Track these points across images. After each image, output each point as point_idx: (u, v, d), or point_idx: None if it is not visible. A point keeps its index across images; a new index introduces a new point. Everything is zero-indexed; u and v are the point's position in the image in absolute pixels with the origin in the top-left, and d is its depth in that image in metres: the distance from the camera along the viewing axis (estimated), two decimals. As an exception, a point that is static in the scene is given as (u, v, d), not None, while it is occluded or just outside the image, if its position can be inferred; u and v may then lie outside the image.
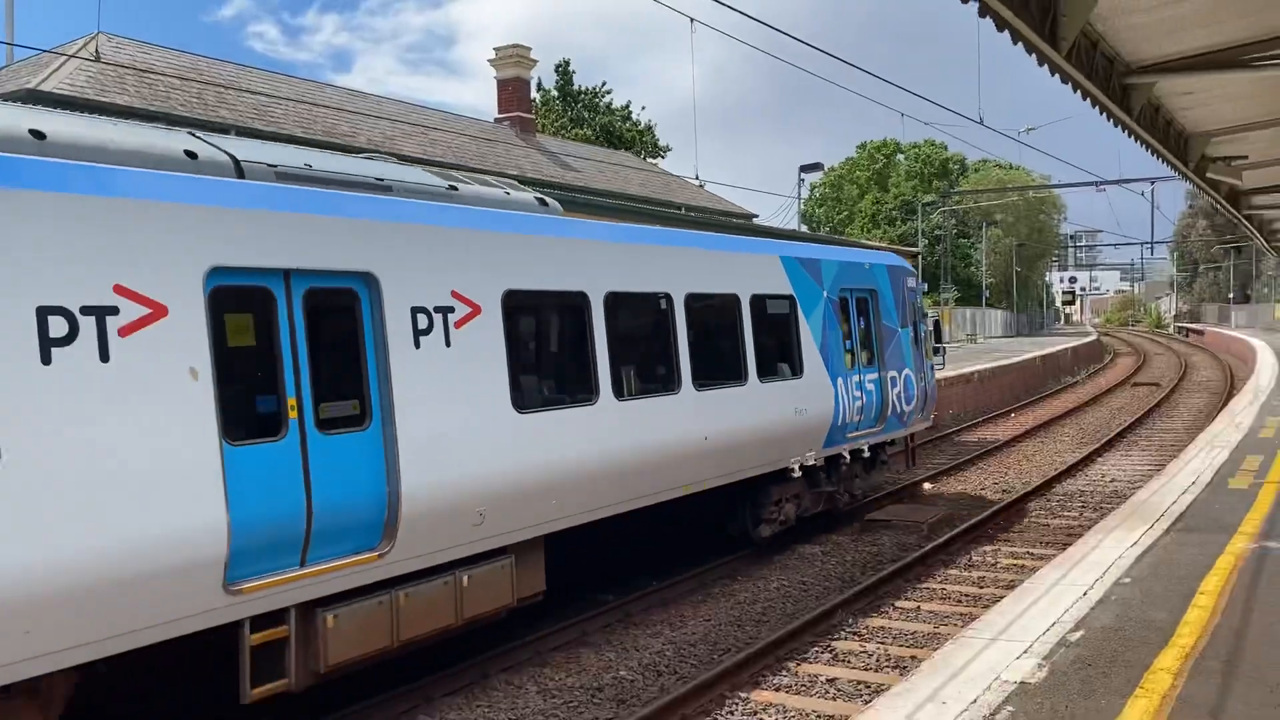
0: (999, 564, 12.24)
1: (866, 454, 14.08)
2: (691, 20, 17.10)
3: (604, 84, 51.37)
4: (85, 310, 5.82)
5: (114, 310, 5.95)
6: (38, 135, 6.39)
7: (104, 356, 5.87)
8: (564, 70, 50.14)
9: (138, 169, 6.50)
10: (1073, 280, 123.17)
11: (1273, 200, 22.72)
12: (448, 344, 7.96)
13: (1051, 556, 10.20)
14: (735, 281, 11.73)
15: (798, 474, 12.48)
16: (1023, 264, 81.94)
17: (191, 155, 7.23)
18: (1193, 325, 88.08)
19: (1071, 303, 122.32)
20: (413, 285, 7.75)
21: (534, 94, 39.14)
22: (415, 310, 7.74)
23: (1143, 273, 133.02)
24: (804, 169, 44.35)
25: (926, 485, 17.31)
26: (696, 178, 35.47)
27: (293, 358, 6.97)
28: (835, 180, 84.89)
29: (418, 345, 7.71)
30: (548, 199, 10.70)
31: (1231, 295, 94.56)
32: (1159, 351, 56.94)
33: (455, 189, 9.25)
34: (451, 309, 8.07)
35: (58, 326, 5.70)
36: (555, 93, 49.96)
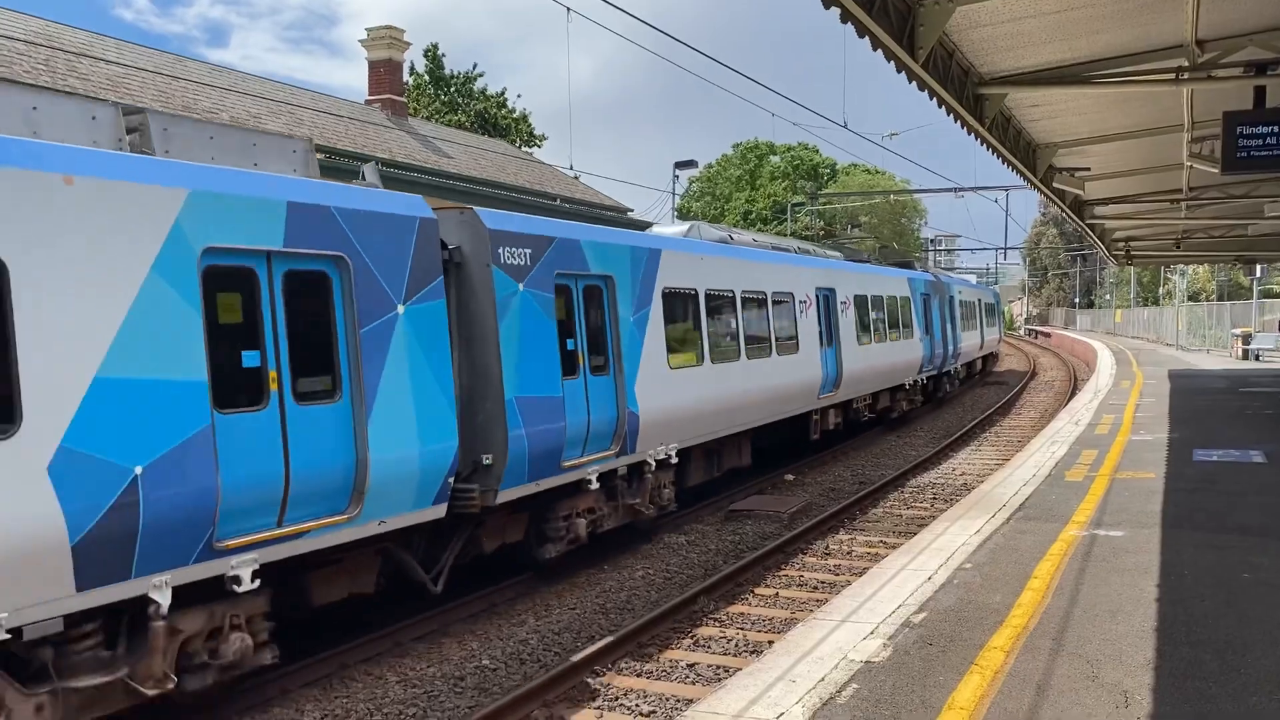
0: (854, 552, 12.70)
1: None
2: (568, 10, 17.14)
3: (475, 66, 50.78)
4: None
5: None
6: None
7: None
8: (433, 55, 49.28)
9: None
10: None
11: (1111, 211, 24.05)
12: None
13: (902, 544, 10.66)
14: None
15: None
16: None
17: None
18: (1041, 328, 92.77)
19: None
20: None
21: (407, 77, 38.31)
22: None
23: (997, 277, 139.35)
24: (679, 165, 44.85)
25: (789, 476, 17.81)
26: (571, 168, 35.47)
27: None
28: (711, 176, 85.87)
29: None
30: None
31: (1077, 300, 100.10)
32: (1010, 352, 59.64)
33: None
34: None
35: None
36: (426, 77, 49.09)
